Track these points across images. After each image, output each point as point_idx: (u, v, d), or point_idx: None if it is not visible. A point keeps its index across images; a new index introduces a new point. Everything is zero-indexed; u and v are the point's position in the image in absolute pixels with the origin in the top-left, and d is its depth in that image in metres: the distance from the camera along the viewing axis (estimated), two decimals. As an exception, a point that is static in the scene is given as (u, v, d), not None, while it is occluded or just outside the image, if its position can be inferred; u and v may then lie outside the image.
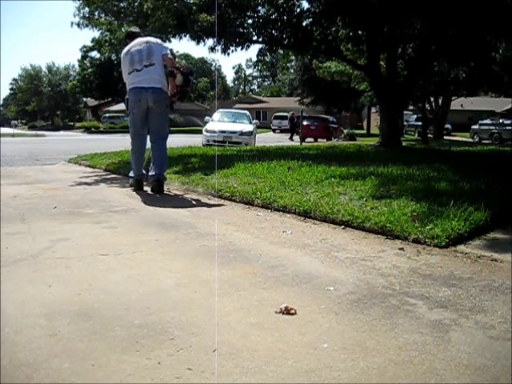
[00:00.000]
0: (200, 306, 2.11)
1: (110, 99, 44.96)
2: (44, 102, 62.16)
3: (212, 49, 12.00)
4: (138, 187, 5.38)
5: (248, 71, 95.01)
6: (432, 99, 27.59)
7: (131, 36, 5.59)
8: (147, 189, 5.37)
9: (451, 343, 1.80)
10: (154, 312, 2.03)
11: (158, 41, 5.51)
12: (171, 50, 5.54)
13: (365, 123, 40.05)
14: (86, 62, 42.17)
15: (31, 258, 2.77)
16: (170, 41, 11.81)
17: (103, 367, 1.59)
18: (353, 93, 28.90)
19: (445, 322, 1.98)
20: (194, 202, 4.79)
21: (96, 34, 42.07)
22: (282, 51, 14.51)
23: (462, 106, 38.33)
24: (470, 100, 35.72)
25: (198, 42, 11.58)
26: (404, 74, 13.52)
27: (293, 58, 23.80)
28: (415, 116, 35.16)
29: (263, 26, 12.14)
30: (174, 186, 5.63)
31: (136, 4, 11.03)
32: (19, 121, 65.07)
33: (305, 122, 22.73)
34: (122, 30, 12.36)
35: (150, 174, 5.24)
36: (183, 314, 2.01)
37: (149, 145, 5.43)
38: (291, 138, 26.91)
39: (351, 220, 3.60)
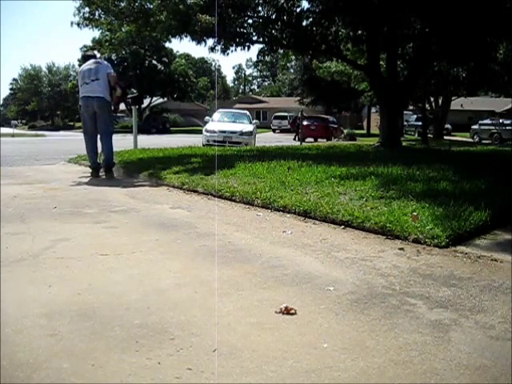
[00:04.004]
0: (200, 306, 2.11)
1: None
2: (44, 102, 62.10)
3: (212, 49, 12.01)
4: (95, 174, 6.70)
5: (248, 71, 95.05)
6: (432, 99, 27.57)
7: (86, 58, 7.24)
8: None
9: (451, 343, 1.80)
10: (153, 312, 2.03)
11: (105, 62, 7.15)
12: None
13: (365, 123, 40.03)
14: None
15: (31, 258, 2.77)
16: (170, 41, 11.80)
17: (103, 367, 1.59)
18: (353, 93, 28.85)
19: (445, 322, 1.98)
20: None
21: (96, 33, 42.12)
22: (282, 51, 14.49)
23: (462, 105, 38.28)
24: (470, 100, 35.68)
25: (199, 42, 11.59)
26: (404, 74, 13.51)
27: (293, 58, 23.79)
28: (415, 116, 35.13)
29: (263, 26, 12.13)
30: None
31: (136, 4, 11.03)
32: (19, 121, 64.89)
33: (305, 122, 22.71)
34: (122, 29, 12.37)
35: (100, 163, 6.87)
36: (183, 314, 2.01)
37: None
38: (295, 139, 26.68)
39: (351, 220, 3.60)
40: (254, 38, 12.31)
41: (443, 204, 3.72)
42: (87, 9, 11.08)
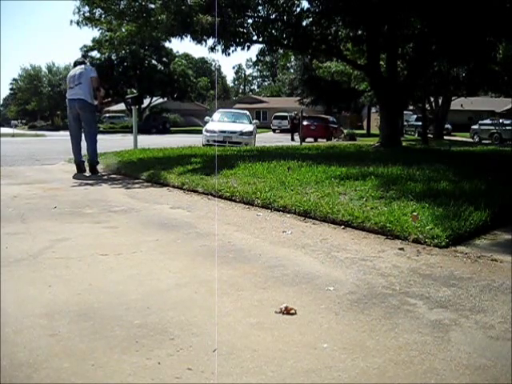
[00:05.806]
0: (200, 306, 2.11)
1: (109, 99, 44.87)
2: (44, 102, 61.99)
3: (212, 49, 11.99)
4: (79, 170, 7.19)
5: (248, 71, 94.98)
6: (432, 99, 27.57)
7: (76, 64, 7.83)
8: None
9: (451, 343, 1.80)
10: (153, 312, 2.03)
11: (90, 67, 7.80)
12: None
13: (365, 123, 40.01)
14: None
15: (31, 258, 2.77)
16: (170, 41, 11.78)
17: (103, 367, 1.59)
18: (353, 93, 28.86)
19: (445, 322, 1.98)
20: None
21: (96, 33, 42.10)
22: (282, 51, 14.49)
23: (462, 105, 38.28)
24: (470, 100, 35.66)
25: (199, 42, 11.58)
26: (404, 74, 13.52)
27: (293, 58, 23.79)
28: (415, 116, 35.11)
29: (263, 26, 12.12)
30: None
31: (137, 4, 11.03)
32: (19, 121, 64.76)
33: (305, 122, 22.70)
34: (122, 29, 12.36)
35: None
36: (183, 314, 2.01)
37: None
38: (293, 139, 26.77)
39: (351, 220, 3.59)
40: (254, 38, 12.30)
41: (443, 204, 3.72)
42: (87, 8, 11.08)
